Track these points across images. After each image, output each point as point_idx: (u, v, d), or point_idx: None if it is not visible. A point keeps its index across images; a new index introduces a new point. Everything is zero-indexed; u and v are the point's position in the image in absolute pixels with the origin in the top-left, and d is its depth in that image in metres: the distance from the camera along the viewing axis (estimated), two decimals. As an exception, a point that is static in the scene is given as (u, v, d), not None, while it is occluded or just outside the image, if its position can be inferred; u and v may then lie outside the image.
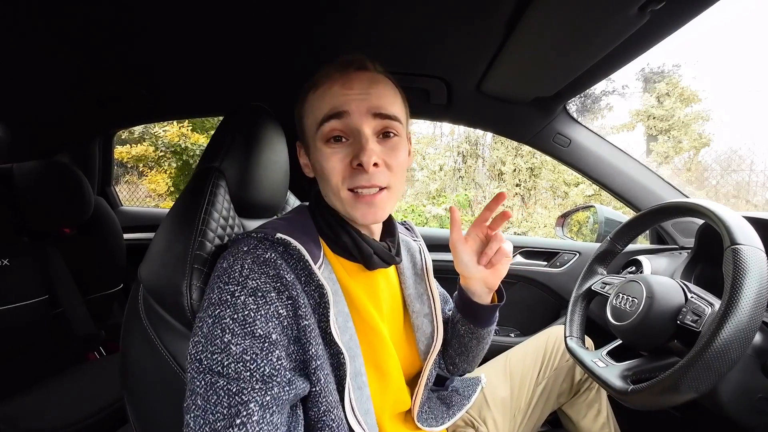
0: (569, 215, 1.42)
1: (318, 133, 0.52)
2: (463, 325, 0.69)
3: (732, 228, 0.54)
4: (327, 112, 0.50)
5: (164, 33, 0.85)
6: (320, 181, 0.55)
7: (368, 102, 0.50)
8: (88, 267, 1.24)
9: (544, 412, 0.86)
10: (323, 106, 0.51)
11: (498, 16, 0.71)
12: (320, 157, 0.52)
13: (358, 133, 0.50)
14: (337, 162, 0.51)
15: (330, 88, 0.51)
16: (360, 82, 0.51)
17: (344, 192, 0.52)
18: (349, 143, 0.51)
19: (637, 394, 0.55)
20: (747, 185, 5.28)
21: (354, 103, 0.50)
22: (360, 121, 0.50)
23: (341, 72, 0.52)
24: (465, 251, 0.62)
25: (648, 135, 6.19)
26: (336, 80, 0.51)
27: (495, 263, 0.61)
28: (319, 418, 0.45)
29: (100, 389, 1.05)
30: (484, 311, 0.66)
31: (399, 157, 0.53)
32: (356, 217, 0.53)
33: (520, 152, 5.79)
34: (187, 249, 0.51)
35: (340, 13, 0.77)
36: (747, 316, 0.47)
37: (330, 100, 0.51)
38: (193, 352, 0.42)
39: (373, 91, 0.51)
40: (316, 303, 0.48)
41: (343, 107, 0.50)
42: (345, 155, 0.51)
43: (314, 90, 0.53)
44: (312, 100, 0.53)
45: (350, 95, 0.50)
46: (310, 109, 0.53)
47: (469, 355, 0.73)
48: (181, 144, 5.03)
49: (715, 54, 10.92)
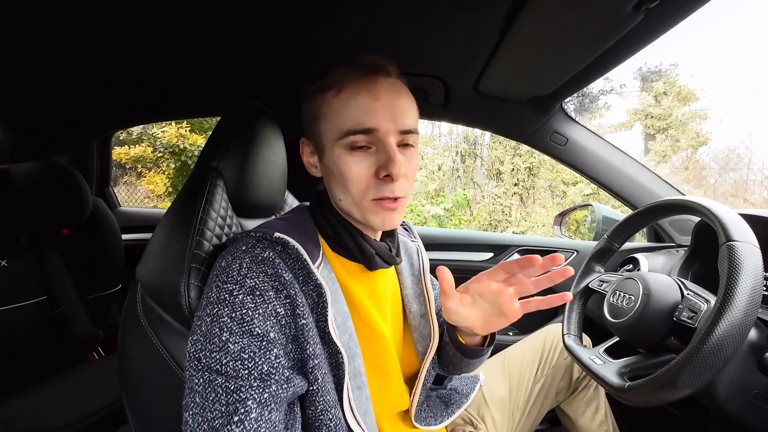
0: (567, 214, 1.42)
1: (341, 141, 0.50)
2: (451, 349, 0.67)
3: (727, 225, 0.54)
4: (354, 126, 0.49)
5: (162, 33, 0.85)
6: (335, 186, 0.53)
7: (395, 118, 0.50)
8: (87, 267, 1.24)
9: (543, 410, 0.87)
10: (350, 116, 0.49)
11: (494, 15, 0.71)
12: (340, 163, 0.50)
13: (383, 144, 0.50)
14: (360, 171, 0.50)
15: (355, 95, 0.49)
16: (385, 92, 0.50)
17: (367, 202, 0.51)
18: (372, 152, 0.50)
19: (635, 390, 0.55)
20: (745, 184, 5.30)
21: (382, 119, 0.49)
22: (387, 136, 0.50)
23: (367, 77, 0.50)
24: (460, 310, 0.56)
25: (646, 134, 6.20)
26: (362, 86, 0.49)
27: (507, 317, 0.54)
28: (317, 417, 0.45)
29: (99, 390, 1.05)
30: (470, 351, 0.64)
31: (414, 165, 0.53)
32: (376, 223, 0.52)
33: (518, 152, 5.80)
34: (184, 248, 0.52)
35: (337, 12, 0.77)
36: (742, 312, 0.48)
37: (356, 110, 0.49)
38: (192, 350, 0.42)
39: (397, 103, 0.50)
40: (315, 302, 0.48)
41: (372, 124, 0.49)
42: (370, 164, 0.50)
43: (337, 93, 0.50)
44: (334, 104, 0.50)
45: (378, 109, 0.49)
46: (332, 114, 0.51)
47: (461, 371, 0.73)
48: (179, 145, 5.03)
49: (711, 52, 10.95)
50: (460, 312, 0.55)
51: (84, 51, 0.91)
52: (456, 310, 0.55)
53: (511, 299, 0.53)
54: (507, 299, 0.53)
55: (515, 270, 0.51)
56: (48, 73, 1.01)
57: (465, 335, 0.64)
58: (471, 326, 0.57)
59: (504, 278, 0.53)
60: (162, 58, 0.97)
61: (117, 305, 1.45)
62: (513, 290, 0.53)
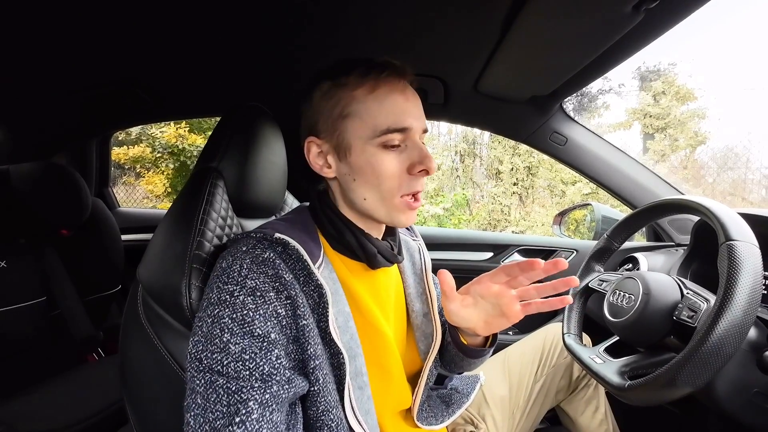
0: (567, 213, 1.43)
1: (376, 139, 0.51)
2: (452, 349, 0.66)
3: (727, 224, 0.54)
4: (392, 125, 0.51)
5: (162, 33, 0.85)
6: (363, 184, 0.53)
7: (420, 118, 0.54)
8: (86, 268, 1.24)
9: (543, 409, 0.87)
10: (386, 114, 0.51)
11: (494, 15, 0.71)
12: (375, 161, 0.52)
13: (413, 142, 0.53)
14: (395, 168, 0.52)
15: (390, 94, 0.52)
16: (412, 93, 0.54)
17: (397, 199, 0.53)
18: (402, 150, 0.53)
19: (635, 389, 0.56)
20: (743, 183, 5.31)
21: (414, 119, 0.52)
22: (416, 134, 0.53)
23: (398, 78, 0.53)
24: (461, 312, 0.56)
25: (644, 133, 6.22)
26: (395, 87, 0.52)
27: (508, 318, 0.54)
28: (318, 417, 0.46)
29: (99, 390, 1.05)
30: (471, 351, 0.65)
31: None
32: (400, 221, 0.55)
33: (517, 151, 5.81)
34: (185, 249, 0.51)
35: (337, 12, 0.77)
36: (741, 311, 0.48)
37: (392, 109, 0.51)
38: (193, 351, 0.42)
39: (419, 104, 0.55)
40: (315, 303, 0.48)
41: (407, 123, 0.52)
42: (402, 161, 0.52)
43: (371, 91, 0.51)
44: (368, 102, 0.51)
45: (409, 109, 0.52)
46: (366, 111, 0.51)
47: (462, 369, 0.73)
48: (178, 145, 5.02)
49: (710, 52, 10.98)
50: (461, 314, 0.56)
51: (83, 51, 0.91)
52: (457, 312, 0.56)
53: (513, 301, 0.53)
54: (508, 301, 0.53)
55: (516, 272, 0.51)
56: (47, 73, 1.01)
57: (467, 335, 0.64)
58: (473, 327, 0.57)
59: (505, 280, 0.53)
60: (161, 59, 0.97)
61: (117, 306, 1.45)
62: (515, 293, 0.53)
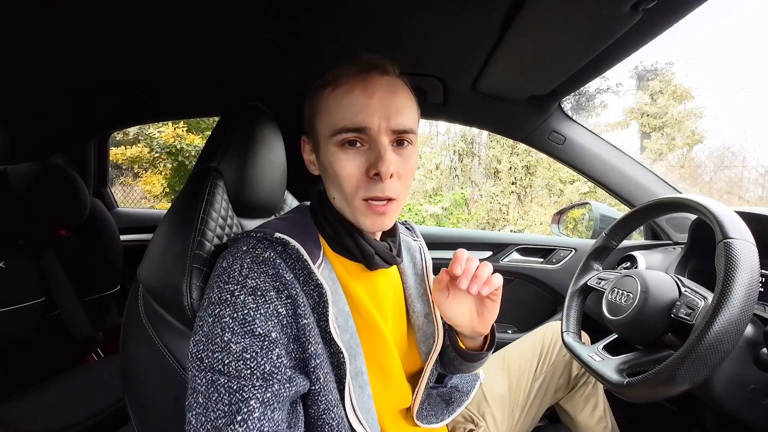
0: (565, 212, 1.43)
1: (334, 138, 0.50)
2: (451, 352, 0.67)
3: (724, 222, 0.55)
4: (347, 124, 0.49)
5: (160, 33, 0.85)
6: (329, 184, 0.54)
7: (389, 117, 0.49)
8: (85, 269, 1.23)
9: (542, 407, 0.87)
10: (342, 113, 0.49)
11: (493, 14, 0.71)
12: (333, 160, 0.50)
13: (375, 143, 0.49)
14: (352, 168, 0.50)
15: (350, 91, 0.49)
16: (381, 89, 0.50)
17: (357, 201, 0.51)
18: (364, 150, 0.50)
19: (633, 386, 0.56)
20: (740, 181, 5.33)
21: (375, 117, 0.49)
22: (379, 134, 0.49)
23: (363, 74, 0.50)
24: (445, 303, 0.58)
25: (642, 132, 6.23)
26: (357, 83, 0.49)
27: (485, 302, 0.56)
28: (319, 416, 0.46)
29: (99, 391, 1.05)
30: (470, 355, 0.65)
31: (410, 166, 0.53)
32: (365, 224, 0.53)
33: (515, 150, 5.82)
34: (186, 248, 0.52)
35: (336, 12, 0.77)
36: (738, 309, 0.48)
37: (350, 107, 0.49)
38: (194, 350, 0.42)
39: (392, 102, 0.50)
40: (315, 302, 0.48)
41: (364, 122, 0.48)
42: (361, 162, 0.50)
43: (333, 89, 0.50)
44: (330, 101, 0.51)
45: (371, 105, 0.49)
46: (327, 110, 0.51)
47: (462, 372, 0.73)
48: (176, 145, 5.00)
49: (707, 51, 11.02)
50: (448, 304, 0.57)
51: (81, 51, 0.91)
52: (442, 303, 0.58)
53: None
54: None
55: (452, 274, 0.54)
56: (45, 73, 1.01)
57: (465, 338, 0.64)
58: (465, 320, 0.58)
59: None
60: (160, 59, 0.97)
61: (116, 306, 1.45)
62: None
